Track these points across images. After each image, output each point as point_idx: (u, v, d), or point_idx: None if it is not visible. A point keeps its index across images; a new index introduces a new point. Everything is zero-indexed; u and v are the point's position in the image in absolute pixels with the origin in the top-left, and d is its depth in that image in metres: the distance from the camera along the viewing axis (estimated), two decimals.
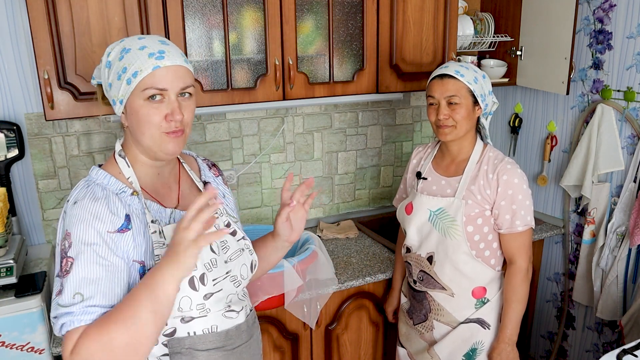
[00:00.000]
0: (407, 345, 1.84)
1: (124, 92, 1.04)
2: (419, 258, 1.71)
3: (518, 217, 1.59)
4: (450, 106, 1.59)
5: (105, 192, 1.07)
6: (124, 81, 1.03)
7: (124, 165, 1.11)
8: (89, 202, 1.03)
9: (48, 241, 2.04)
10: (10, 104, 1.89)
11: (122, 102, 1.06)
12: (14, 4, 1.82)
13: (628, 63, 2.09)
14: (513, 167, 1.60)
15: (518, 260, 1.62)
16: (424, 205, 1.68)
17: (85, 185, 1.08)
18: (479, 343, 1.68)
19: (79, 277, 0.99)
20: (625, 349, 1.48)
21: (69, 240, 1.01)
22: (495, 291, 1.69)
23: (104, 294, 0.99)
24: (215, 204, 0.96)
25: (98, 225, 1.02)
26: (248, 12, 1.82)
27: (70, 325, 0.97)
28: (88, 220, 1.01)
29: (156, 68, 1.03)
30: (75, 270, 0.99)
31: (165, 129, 1.06)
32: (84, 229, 1.01)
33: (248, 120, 2.29)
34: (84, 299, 0.97)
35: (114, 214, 1.04)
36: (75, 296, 0.98)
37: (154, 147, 1.08)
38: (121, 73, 1.04)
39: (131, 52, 1.04)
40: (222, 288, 1.14)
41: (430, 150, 1.80)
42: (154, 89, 1.03)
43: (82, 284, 0.98)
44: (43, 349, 1.61)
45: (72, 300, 0.97)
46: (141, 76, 1.02)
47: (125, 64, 1.03)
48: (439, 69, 1.63)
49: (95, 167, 1.12)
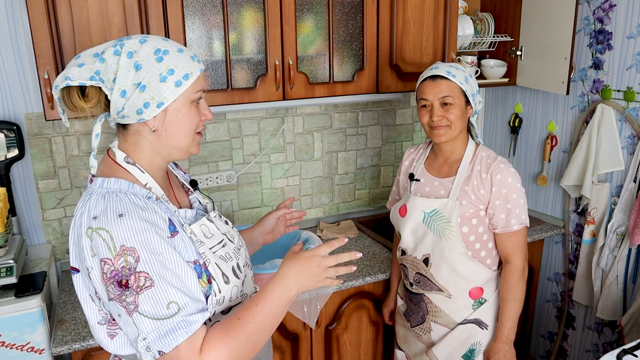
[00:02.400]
0: (404, 347, 1.84)
1: (169, 94, 1.01)
2: (414, 260, 1.71)
3: (513, 216, 1.59)
4: (444, 107, 1.58)
5: (143, 200, 1.02)
6: (171, 83, 1.00)
7: (136, 172, 1.06)
8: (138, 211, 0.97)
9: (48, 241, 2.04)
10: (10, 104, 1.89)
11: (163, 104, 1.01)
12: (14, 4, 1.82)
13: (628, 63, 2.09)
14: (506, 166, 1.60)
15: (514, 259, 1.62)
16: (418, 207, 1.67)
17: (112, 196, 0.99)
18: (477, 344, 1.68)
19: (164, 288, 0.94)
20: (625, 349, 1.48)
21: (134, 255, 0.93)
22: (492, 291, 1.69)
23: (191, 299, 0.97)
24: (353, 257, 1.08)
25: (159, 232, 0.98)
26: (248, 12, 1.82)
27: (186, 335, 0.93)
28: (147, 229, 0.96)
29: (201, 71, 1.06)
30: (158, 282, 0.94)
31: (198, 128, 1.10)
32: (147, 239, 0.95)
33: (248, 120, 2.29)
34: (180, 308, 0.94)
35: (163, 220, 1.01)
36: (170, 305, 0.94)
37: (185, 149, 1.09)
38: (167, 75, 1.00)
39: (171, 53, 1.01)
40: (246, 274, 1.20)
41: (422, 151, 1.80)
42: (202, 92, 1.07)
43: (171, 293, 0.94)
44: (43, 349, 1.61)
45: (168, 312, 0.93)
46: (192, 78, 1.03)
47: (171, 65, 1.00)
48: (429, 70, 1.62)
49: (104, 179, 1.03)
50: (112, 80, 0.99)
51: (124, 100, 1.00)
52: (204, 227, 1.12)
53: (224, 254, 1.13)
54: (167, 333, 0.93)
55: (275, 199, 2.43)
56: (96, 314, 1.04)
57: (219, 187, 2.30)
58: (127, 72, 0.99)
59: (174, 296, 0.94)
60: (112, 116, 1.04)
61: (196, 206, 1.22)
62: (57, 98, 1.03)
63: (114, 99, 1.00)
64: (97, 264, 0.95)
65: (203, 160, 2.25)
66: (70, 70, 0.99)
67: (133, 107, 1.00)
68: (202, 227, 1.12)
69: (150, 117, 1.02)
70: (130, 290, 0.93)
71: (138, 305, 0.93)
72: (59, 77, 1.00)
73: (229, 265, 1.12)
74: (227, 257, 1.14)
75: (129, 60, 0.99)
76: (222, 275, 1.09)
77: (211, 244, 1.11)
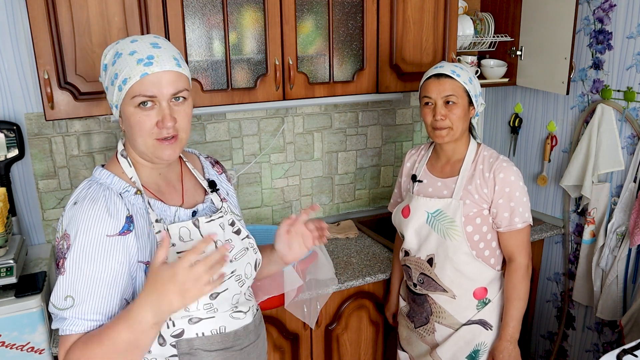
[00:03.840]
0: (408, 349, 1.84)
1: (116, 98, 1.05)
2: (418, 261, 1.70)
3: (516, 214, 1.59)
4: (447, 106, 1.58)
5: (107, 193, 1.06)
6: (116, 87, 1.04)
7: (126, 165, 1.11)
8: (88, 203, 1.03)
9: (48, 241, 2.04)
10: (10, 104, 1.89)
11: (117, 107, 1.07)
12: (14, 4, 1.82)
13: (628, 63, 2.09)
14: (509, 164, 1.60)
15: (518, 257, 1.62)
16: (421, 207, 1.67)
17: (87, 185, 1.08)
18: (482, 344, 1.67)
19: (72, 280, 1.00)
20: (625, 349, 1.48)
21: (68, 242, 1.01)
22: (496, 291, 1.68)
23: (95, 302, 1.00)
24: (224, 257, 0.94)
25: (97, 228, 1.01)
26: (248, 12, 1.82)
27: (62, 332, 1.01)
28: (87, 222, 1.01)
29: (144, 75, 1.01)
30: (69, 272, 1.00)
31: (157, 135, 1.05)
32: (82, 231, 1.01)
33: (248, 120, 2.29)
34: (74, 304, 1.00)
35: (112, 217, 1.03)
36: (67, 298, 1.00)
37: (147, 153, 1.08)
38: (113, 79, 1.04)
39: (122, 57, 1.03)
40: (227, 287, 1.14)
41: (424, 152, 1.80)
42: (142, 97, 1.02)
43: (75, 287, 1.00)
44: (43, 349, 1.61)
45: (64, 303, 1.00)
46: (130, 83, 1.01)
47: (117, 69, 1.03)
48: (434, 69, 1.63)
49: (99, 167, 1.12)
50: None
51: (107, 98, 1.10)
52: (183, 229, 1.09)
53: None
54: (57, 320, 1.02)
55: (275, 199, 2.44)
56: None
57: None
58: (102, 72, 1.09)
59: (76, 292, 1.00)
60: None
61: (203, 207, 1.18)
62: None
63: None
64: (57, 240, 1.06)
65: None
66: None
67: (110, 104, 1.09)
68: (181, 230, 1.09)
69: (116, 117, 1.10)
70: (59, 271, 1.02)
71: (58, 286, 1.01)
72: None
73: None
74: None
75: (103, 62, 1.08)
76: None
77: (183, 248, 1.07)
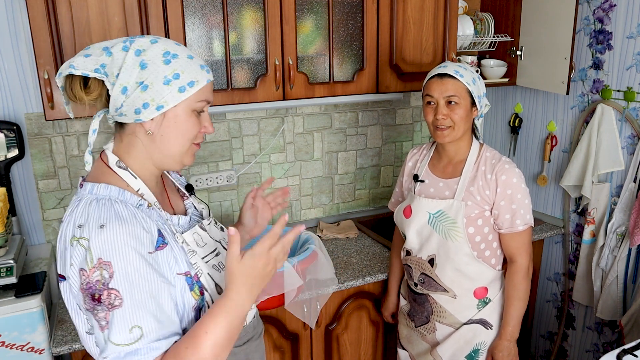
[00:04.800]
0: (408, 347, 1.84)
1: (171, 98, 0.98)
2: (419, 261, 1.70)
3: (518, 216, 1.59)
4: (449, 106, 1.58)
5: (130, 209, 0.97)
6: (175, 87, 0.98)
7: (128, 177, 1.03)
8: (120, 224, 0.93)
9: (48, 241, 2.04)
10: (10, 104, 1.89)
11: (162, 108, 0.98)
12: (14, 4, 1.82)
13: (628, 63, 2.09)
14: (511, 166, 1.60)
15: (519, 258, 1.63)
16: (423, 207, 1.67)
17: (98, 204, 0.96)
18: (482, 344, 1.68)
19: (132, 308, 0.91)
20: (625, 349, 1.48)
21: (109, 270, 0.90)
22: (496, 291, 1.69)
23: (161, 323, 0.94)
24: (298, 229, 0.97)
25: (139, 248, 0.93)
26: (248, 12, 1.82)
27: None
28: (127, 244, 0.92)
29: (208, 82, 1.03)
30: (127, 303, 0.90)
31: (196, 140, 1.06)
32: (125, 255, 0.91)
33: (248, 120, 2.29)
34: (143, 334, 0.91)
35: (148, 232, 0.97)
36: (133, 330, 0.90)
37: (177, 157, 1.05)
38: (171, 78, 0.97)
39: (180, 58, 0.99)
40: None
41: (426, 152, 1.79)
42: (205, 102, 1.03)
43: (137, 314, 0.91)
44: (43, 349, 1.61)
45: (131, 336, 0.90)
46: (197, 87, 1.00)
47: (177, 70, 0.98)
48: (438, 69, 1.62)
49: (97, 184, 0.99)
50: (115, 75, 0.97)
51: (123, 97, 0.97)
52: (196, 235, 1.09)
53: (217, 263, 1.10)
54: (125, 356, 0.91)
55: None
56: (85, 323, 1.00)
57: (219, 187, 2.30)
58: (132, 68, 0.97)
59: (140, 320, 0.91)
60: (111, 113, 1.01)
61: (191, 212, 1.19)
62: (60, 86, 1.01)
63: (114, 94, 0.98)
64: (75, 274, 0.93)
65: (203, 160, 2.25)
66: (77, 59, 0.97)
67: (132, 105, 0.98)
68: (194, 236, 1.09)
69: (148, 118, 0.99)
70: (102, 306, 0.91)
71: (108, 322, 0.91)
72: (64, 65, 0.98)
73: (222, 275, 1.09)
74: (220, 266, 1.10)
75: (136, 57, 0.97)
76: (215, 286, 1.06)
77: (204, 253, 1.08)
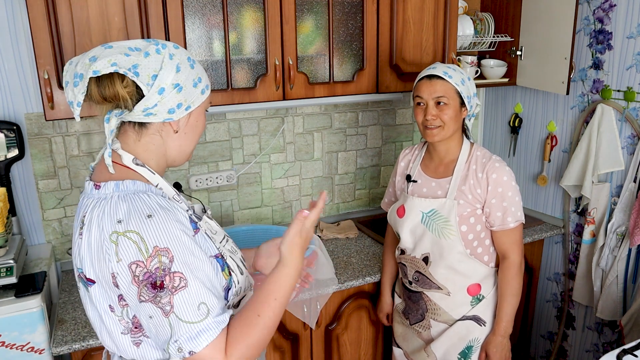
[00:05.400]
0: (403, 345, 1.85)
1: (197, 99, 1.07)
2: (414, 259, 1.72)
3: (509, 213, 1.62)
4: (438, 106, 1.60)
5: (164, 200, 1.01)
6: (199, 90, 1.07)
7: (147, 173, 1.06)
8: (165, 212, 0.97)
9: (48, 241, 2.04)
10: (10, 104, 1.89)
11: (190, 108, 1.06)
12: (14, 4, 1.82)
13: (628, 63, 2.09)
14: (501, 164, 1.62)
15: (511, 255, 1.66)
16: (416, 207, 1.69)
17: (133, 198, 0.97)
18: (475, 340, 1.70)
19: (196, 288, 0.96)
20: (625, 349, 1.48)
21: (169, 255, 0.94)
22: (489, 288, 1.71)
23: (218, 298, 1.00)
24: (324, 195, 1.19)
25: (187, 231, 1.00)
26: (248, 12, 1.82)
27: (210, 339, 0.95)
28: (177, 229, 0.97)
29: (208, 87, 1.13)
30: (191, 283, 0.95)
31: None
32: (179, 239, 0.96)
33: (248, 120, 2.29)
34: (209, 310, 0.96)
35: (186, 219, 1.04)
36: (200, 307, 0.95)
37: (189, 153, 1.14)
38: (197, 82, 1.07)
39: (197, 64, 1.09)
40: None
41: (418, 152, 1.81)
42: (210, 104, 1.15)
43: (201, 294, 0.96)
44: (43, 349, 1.61)
45: (200, 313, 0.95)
46: (209, 90, 1.12)
47: (199, 74, 1.08)
48: (427, 70, 1.65)
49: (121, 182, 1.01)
50: (151, 76, 0.99)
51: (159, 98, 1.00)
52: (207, 224, 1.15)
53: (230, 248, 1.17)
54: (197, 334, 0.94)
55: (275, 199, 2.43)
56: (118, 325, 1.03)
57: (219, 187, 2.30)
58: (169, 71, 1.01)
59: (204, 297, 0.96)
60: (135, 112, 1.00)
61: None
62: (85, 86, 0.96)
63: (150, 94, 0.99)
64: (124, 269, 0.93)
65: (203, 160, 2.25)
66: (117, 57, 0.96)
67: (166, 105, 1.02)
68: (206, 224, 1.14)
69: (179, 118, 1.06)
70: (166, 291, 0.93)
71: (173, 305, 0.93)
72: (99, 63, 0.95)
73: (237, 258, 1.17)
74: (233, 250, 1.18)
75: (171, 61, 1.02)
76: (237, 267, 1.13)
77: (219, 239, 1.15)
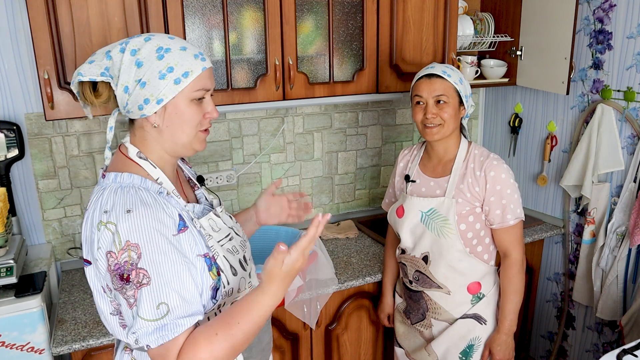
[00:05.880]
0: (404, 344, 1.85)
1: (168, 91, 1.03)
2: (413, 259, 1.72)
3: (509, 211, 1.62)
4: (438, 105, 1.61)
5: (152, 196, 1.04)
6: (170, 80, 1.03)
7: (149, 167, 1.09)
8: (145, 208, 0.99)
9: (48, 241, 2.04)
10: (10, 104, 1.89)
11: (162, 101, 1.04)
12: (14, 4, 1.82)
13: (628, 63, 2.09)
14: (499, 162, 1.63)
15: (513, 252, 1.65)
16: (415, 207, 1.70)
17: (122, 192, 1.02)
18: (476, 339, 1.70)
19: (159, 286, 0.97)
20: (625, 349, 1.48)
21: (137, 251, 0.97)
22: (490, 286, 1.71)
23: (185, 301, 0.99)
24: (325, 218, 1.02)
25: (163, 230, 1.00)
26: (248, 12, 1.82)
27: (165, 339, 0.97)
28: (152, 227, 0.99)
29: (204, 69, 1.07)
30: (154, 281, 0.97)
31: (202, 126, 1.11)
32: (151, 237, 0.98)
33: (248, 120, 2.29)
34: (169, 310, 0.97)
35: (170, 217, 1.03)
36: (160, 306, 0.97)
37: (188, 145, 1.11)
38: (166, 72, 1.03)
39: (173, 51, 1.04)
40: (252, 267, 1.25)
41: (416, 152, 1.82)
42: (204, 90, 1.08)
43: (163, 292, 0.97)
44: (43, 349, 1.61)
45: (158, 312, 0.96)
46: (192, 77, 1.05)
47: (171, 63, 1.03)
48: (426, 69, 1.66)
49: (120, 174, 1.06)
50: (117, 76, 1.04)
51: (127, 96, 1.04)
52: (211, 221, 1.16)
53: (230, 247, 1.17)
54: (153, 332, 0.97)
55: None
56: (108, 305, 1.07)
57: (219, 187, 2.30)
58: (129, 68, 1.03)
59: (166, 297, 0.97)
60: (121, 111, 1.09)
61: (202, 201, 1.25)
62: (77, 92, 1.09)
63: (118, 94, 1.05)
64: (102, 256, 0.99)
65: (203, 160, 2.25)
66: (83, 66, 1.05)
67: (135, 102, 1.04)
68: (209, 222, 1.15)
69: (151, 112, 1.05)
70: (131, 285, 0.97)
71: (137, 299, 0.97)
72: (74, 74, 1.06)
73: (236, 258, 1.17)
74: (234, 250, 1.18)
75: (131, 57, 1.03)
76: (230, 268, 1.13)
77: (219, 237, 1.15)
